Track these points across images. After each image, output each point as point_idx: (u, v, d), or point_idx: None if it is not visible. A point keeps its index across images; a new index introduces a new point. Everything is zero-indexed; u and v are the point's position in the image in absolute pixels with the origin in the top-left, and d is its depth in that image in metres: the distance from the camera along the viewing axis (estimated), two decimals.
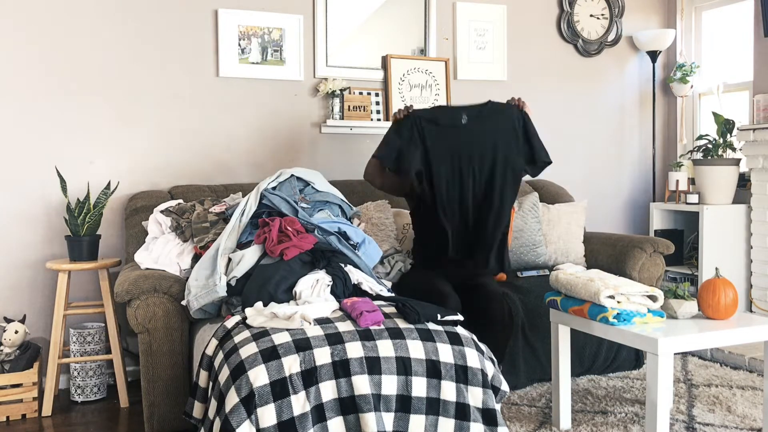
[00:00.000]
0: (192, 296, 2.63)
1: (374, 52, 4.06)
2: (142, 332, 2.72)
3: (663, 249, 3.63)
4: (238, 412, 1.96)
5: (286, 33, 3.84)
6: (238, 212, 2.88)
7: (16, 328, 3.15)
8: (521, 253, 3.65)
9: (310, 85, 3.92)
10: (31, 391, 3.08)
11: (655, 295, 2.49)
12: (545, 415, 2.89)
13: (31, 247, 3.43)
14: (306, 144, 3.92)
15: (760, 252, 4.02)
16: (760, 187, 3.97)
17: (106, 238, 3.50)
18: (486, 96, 4.31)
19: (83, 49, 3.49)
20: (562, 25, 4.50)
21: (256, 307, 2.40)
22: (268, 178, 3.03)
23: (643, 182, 4.80)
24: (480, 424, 2.14)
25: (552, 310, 2.80)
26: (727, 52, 4.55)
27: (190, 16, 3.67)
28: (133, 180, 3.59)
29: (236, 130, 3.79)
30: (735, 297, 2.54)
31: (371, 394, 2.05)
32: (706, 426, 2.75)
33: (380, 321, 2.23)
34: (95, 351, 3.31)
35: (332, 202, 3.09)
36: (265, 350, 2.07)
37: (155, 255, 2.99)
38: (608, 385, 3.25)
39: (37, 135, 3.43)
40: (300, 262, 2.61)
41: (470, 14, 4.26)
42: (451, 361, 2.17)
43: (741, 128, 4.00)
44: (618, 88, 4.70)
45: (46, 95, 3.44)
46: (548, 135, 4.51)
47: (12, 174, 3.39)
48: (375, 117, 4.02)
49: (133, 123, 3.59)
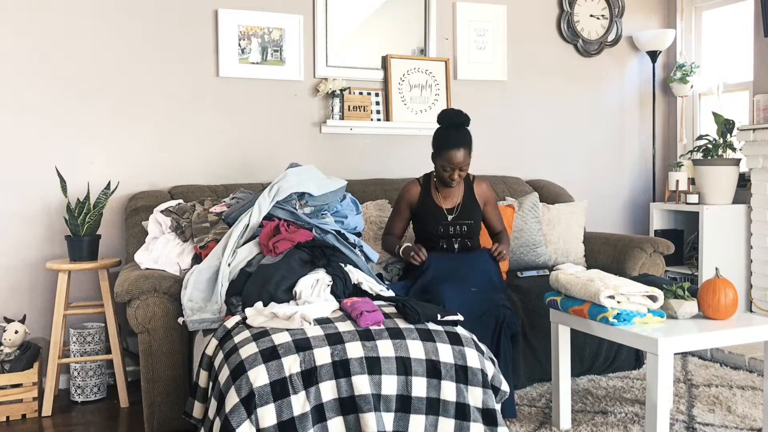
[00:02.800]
0: (188, 319, 2.61)
1: (374, 52, 4.06)
2: (142, 332, 2.72)
3: (663, 249, 3.63)
4: (238, 412, 1.96)
5: (286, 33, 3.84)
6: (238, 232, 2.83)
7: (16, 328, 3.15)
8: (521, 253, 3.65)
9: (310, 85, 3.92)
10: (31, 391, 3.08)
11: (655, 295, 2.49)
12: (545, 415, 2.89)
13: (31, 247, 3.43)
14: (306, 144, 3.92)
15: (760, 252, 4.02)
16: (760, 187, 3.97)
17: (106, 238, 3.50)
18: (486, 96, 4.32)
19: (83, 49, 3.49)
20: (562, 25, 4.50)
21: (256, 307, 2.40)
22: (267, 191, 2.96)
23: (643, 182, 4.80)
24: (480, 424, 2.14)
25: (552, 310, 2.80)
26: (727, 52, 4.55)
27: (190, 16, 3.67)
28: (133, 180, 3.59)
29: (236, 130, 3.79)
30: (735, 297, 2.54)
31: (371, 394, 2.05)
32: (706, 426, 2.75)
33: (380, 321, 2.23)
34: (95, 351, 3.30)
35: (332, 204, 3.09)
36: (265, 350, 2.07)
37: (155, 255, 2.99)
38: (608, 385, 3.25)
39: (37, 135, 3.43)
40: (300, 261, 2.61)
41: (470, 14, 4.26)
42: (451, 361, 2.17)
43: (741, 128, 4.00)
44: (618, 88, 4.70)
45: (46, 95, 3.44)
46: (548, 135, 4.52)
47: (12, 174, 3.39)
48: (375, 117, 4.02)
49: (133, 123, 3.59)
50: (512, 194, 4.01)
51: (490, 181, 4.06)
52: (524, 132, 4.45)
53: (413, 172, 4.03)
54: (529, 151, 4.46)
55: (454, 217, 3.20)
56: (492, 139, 4.35)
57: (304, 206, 2.96)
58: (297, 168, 3.10)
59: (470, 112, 4.24)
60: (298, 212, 2.92)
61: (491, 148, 4.34)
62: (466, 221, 3.20)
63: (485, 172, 4.26)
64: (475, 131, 4.26)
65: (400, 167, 4.10)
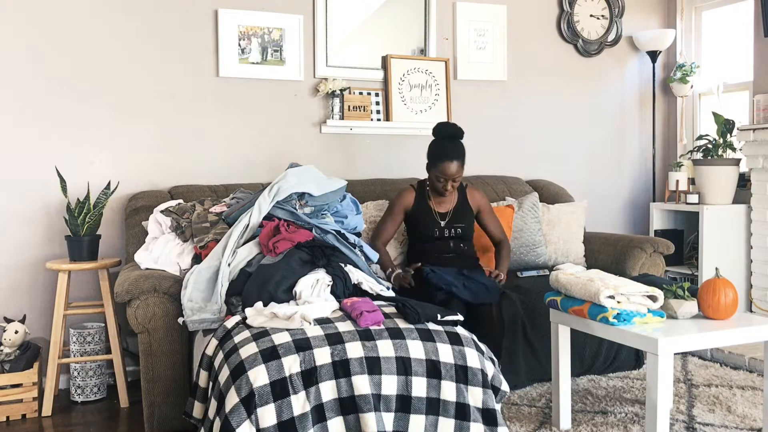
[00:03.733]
0: (188, 320, 2.62)
1: (374, 52, 4.06)
2: (142, 332, 2.72)
3: (663, 249, 3.63)
4: (238, 412, 1.96)
5: (286, 33, 3.84)
6: (238, 232, 2.83)
7: (16, 328, 3.15)
8: (521, 253, 3.65)
9: (310, 85, 3.92)
10: (31, 391, 3.08)
11: (655, 295, 2.49)
12: (545, 415, 2.89)
13: (31, 247, 3.43)
14: (306, 144, 3.92)
15: (760, 252, 4.02)
16: (760, 187, 3.97)
17: (106, 238, 3.50)
18: (486, 96, 4.32)
19: (83, 49, 3.49)
20: (562, 25, 4.50)
21: (256, 307, 2.40)
22: (267, 191, 2.96)
23: (643, 182, 4.80)
24: (480, 424, 2.14)
25: (552, 310, 2.80)
26: (727, 52, 4.55)
27: (190, 16, 3.67)
28: (133, 180, 3.59)
29: (236, 130, 3.79)
30: (735, 297, 2.54)
31: (371, 394, 2.05)
32: (706, 426, 2.75)
33: (380, 321, 2.23)
34: (95, 351, 3.30)
35: (332, 204, 3.09)
36: (265, 350, 2.07)
37: (155, 255, 2.99)
38: (608, 385, 3.25)
39: (37, 135, 3.43)
40: (300, 261, 2.61)
41: (470, 14, 4.26)
42: (451, 361, 2.17)
43: (741, 128, 4.00)
44: (618, 88, 4.70)
45: (46, 95, 3.44)
46: (548, 135, 4.52)
47: (12, 174, 3.39)
48: (375, 117, 4.02)
49: (133, 123, 3.59)
50: (512, 194, 4.01)
51: (490, 182, 4.07)
52: (524, 132, 4.45)
53: (413, 173, 4.04)
54: (529, 151, 4.46)
55: (448, 221, 3.26)
56: (492, 139, 4.35)
57: (304, 206, 2.96)
58: (297, 168, 3.10)
59: (470, 112, 4.29)
60: (298, 212, 2.92)
61: (491, 148, 4.34)
62: (459, 224, 3.27)
63: (485, 172, 4.27)
64: (475, 131, 4.30)
65: (400, 167, 4.10)
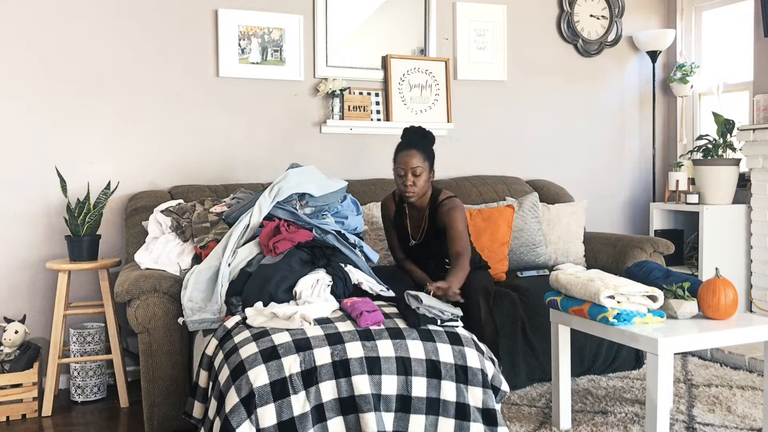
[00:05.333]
0: (188, 320, 2.62)
1: (374, 52, 4.06)
2: (142, 332, 2.72)
3: (663, 249, 3.63)
4: (238, 412, 1.96)
5: (286, 33, 3.84)
6: (239, 232, 2.83)
7: (16, 328, 3.15)
8: (521, 253, 3.65)
9: (310, 85, 3.92)
10: (31, 391, 3.08)
11: (655, 295, 2.49)
12: (545, 415, 2.89)
13: (31, 247, 3.43)
14: (306, 144, 3.92)
15: (760, 252, 4.02)
16: (760, 187, 3.97)
17: (106, 238, 3.50)
18: (486, 96, 4.32)
19: (83, 49, 3.49)
20: (562, 25, 4.50)
21: (256, 307, 2.40)
22: (267, 191, 2.95)
23: (643, 182, 4.80)
24: (480, 424, 2.14)
25: (552, 310, 2.80)
26: (727, 52, 4.55)
27: (190, 16, 3.67)
28: (133, 180, 3.59)
29: (236, 130, 3.79)
30: (735, 297, 2.54)
31: (371, 394, 2.06)
32: (706, 426, 2.75)
33: (380, 321, 2.24)
34: (95, 351, 3.30)
35: (332, 204, 3.09)
36: (265, 350, 2.07)
37: (155, 255, 2.99)
38: (608, 385, 3.25)
39: (37, 135, 3.43)
40: (300, 261, 2.61)
41: (470, 14, 4.26)
42: (451, 361, 2.17)
43: (741, 128, 4.00)
44: (618, 88, 4.70)
45: (46, 95, 3.44)
46: (549, 135, 4.52)
47: (12, 174, 3.39)
48: (375, 117, 4.02)
49: (133, 123, 3.59)
50: (512, 194, 4.01)
51: (490, 182, 4.07)
52: (524, 132, 4.45)
53: None
54: (529, 151, 4.46)
55: (417, 243, 3.13)
56: (492, 139, 4.35)
57: (304, 206, 2.96)
58: (298, 168, 3.10)
59: (470, 112, 4.29)
60: (299, 212, 2.92)
61: (491, 148, 4.34)
62: (429, 249, 3.11)
63: (485, 172, 4.27)
64: (475, 131, 4.31)
65: None
